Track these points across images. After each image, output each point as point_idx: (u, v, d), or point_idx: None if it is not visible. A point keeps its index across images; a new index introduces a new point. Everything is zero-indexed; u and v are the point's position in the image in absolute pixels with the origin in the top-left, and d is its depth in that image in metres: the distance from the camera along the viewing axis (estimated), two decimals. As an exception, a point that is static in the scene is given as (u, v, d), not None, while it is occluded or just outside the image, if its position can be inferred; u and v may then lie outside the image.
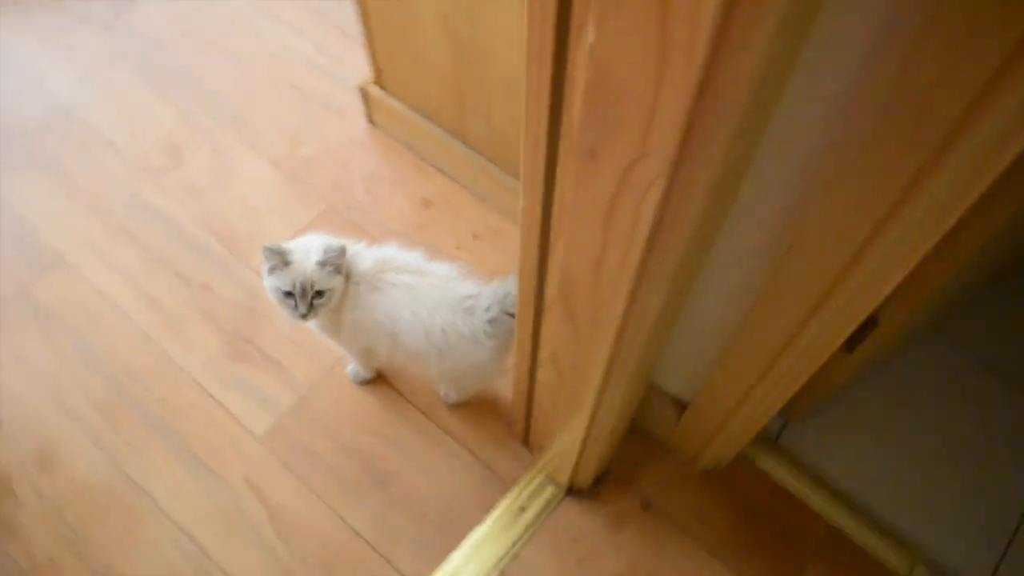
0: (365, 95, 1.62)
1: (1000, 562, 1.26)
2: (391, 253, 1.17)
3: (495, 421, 1.38)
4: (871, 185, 0.65)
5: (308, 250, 1.10)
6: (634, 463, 1.34)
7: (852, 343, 1.11)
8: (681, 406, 1.24)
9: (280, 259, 1.09)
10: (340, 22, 1.83)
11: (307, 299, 1.10)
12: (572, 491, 1.31)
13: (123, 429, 1.37)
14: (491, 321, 1.12)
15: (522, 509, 1.30)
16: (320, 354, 1.43)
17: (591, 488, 1.31)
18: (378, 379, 1.41)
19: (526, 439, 1.33)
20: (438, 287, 1.14)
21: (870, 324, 1.07)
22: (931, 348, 1.43)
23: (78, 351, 1.44)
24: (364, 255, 1.17)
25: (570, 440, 1.16)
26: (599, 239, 0.67)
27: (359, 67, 1.58)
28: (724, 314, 1.02)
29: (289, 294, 1.10)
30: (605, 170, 0.59)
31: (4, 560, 1.28)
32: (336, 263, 1.10)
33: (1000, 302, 1.46)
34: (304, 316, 1.10)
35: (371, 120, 1.67)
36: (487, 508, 1.30)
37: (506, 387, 1.38)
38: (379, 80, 1.57)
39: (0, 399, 1.40)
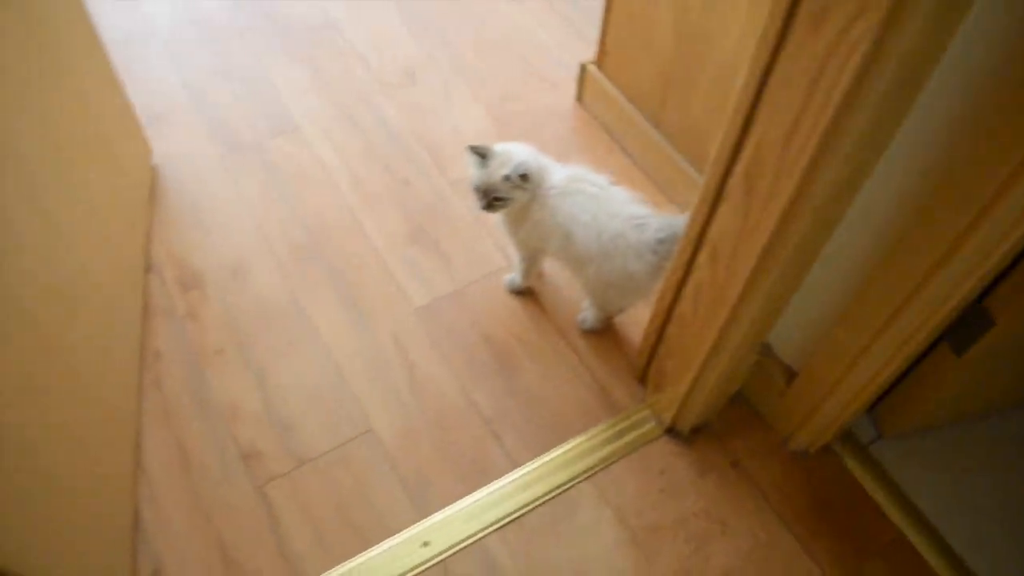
0: (583, 73, 1.85)
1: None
2: (583, 171, 1.38)
3: (619, 357, 1.53)
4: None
5: (504, 161, 1.31)
6: (732, 426, 1.45)
7: (962, 345, 1.22)
8: (790, 375, 1.36)
9: (478, 158, 1.32)
10: (567, 12, 2.10)
11: (488, 199, 1.33)
12: (671, 431, 1.44)
13: (306, 268, 1.61)
14: (659, 240, 1.29)
15: (622, 432, 1.43)
16: (486, 261, 1.63)
17: (688, 435, 1.43)
18: (528, 294, 1.59)
19: (644, 376, 1.47)
20: (618, 202, 1.33)
21: (983, 321, 1.17)
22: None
23: (288, 201, 1.70)
24: (558, 170, 1.37)
25: (684, 379, 1.31)
26: (798, 104, 0.83)
27: (576, 51, 1.83)
28: (843, 285, 1.15)
29: (478, 188, 1.33)
30: (825, 31, 0.77)
31: (182, 339, 1.51)
32: (517, 182, 1.31)
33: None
34: (484, 209, 1.35)
35: (579, 98, 1.91)
36: (593, 423, 1.44)
37: (635, 332, 1.54)
38: (600, 62, 1.80)
39: (216, 213, 1.67)
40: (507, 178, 1.30)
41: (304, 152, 1.78)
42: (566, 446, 1.41)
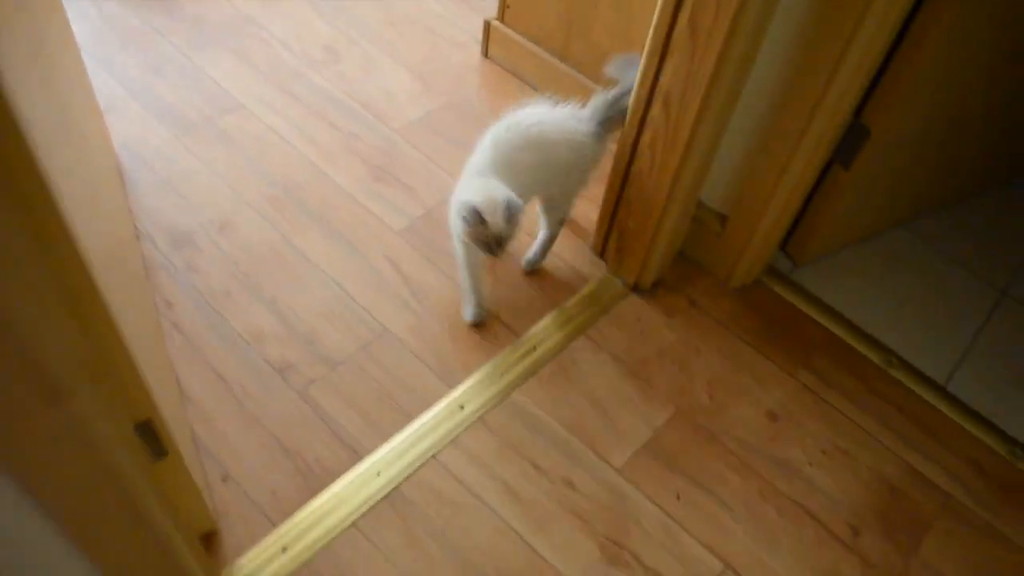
0: (487, 29, 2.13)
1: (956, 367, 1.67)
2: (518, 116, 1.53)
3: (576, 243, 1.79)
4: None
5: (495, 208, 1.38)
6: (681, 279, 1.75)
7: (848, 158, 1.58)
8: (722, 221, 1.68)
9: (477, 220, 1.38)
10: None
11: (502, 246, 1.43)
12: (635, 289, 1.71)
13: (287, 215, 1.76)
14: (600, 123, 1.56)
15: (596, 296, 1.69)
16: (446, 186, 1.85)
17: (650, 289, 1.71)
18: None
19: (603, 251, 1.74)
20: (557, 119, 1.54)
21: (862, 133, 1.53)
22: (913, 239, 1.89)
23: (253, 165, 1.84)
24: (506, 128, 1.52)
25: (644, 235, 1.59)
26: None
27: (473, 18, 2.12)
28: (757, 126, 1.49)
29: (489, 243, 1.42)
30: None
31: (188, 287, 1.62)
32: (517, 217, 1.41)
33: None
34: (497, 255, 1.45)
35: (486, 53, 2.18)
36: (572, 294, 1.69)
37: (576, 230, 1.81)
38: (502, 16, 2.08)
39: (188, 183, 1.79)
40: (508, 220, 1.40)
41: (255, 123, 1.93)
42: (555, 313, 1.65)
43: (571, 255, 1.76)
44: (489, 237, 1.41)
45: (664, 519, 1.40)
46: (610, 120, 1.56)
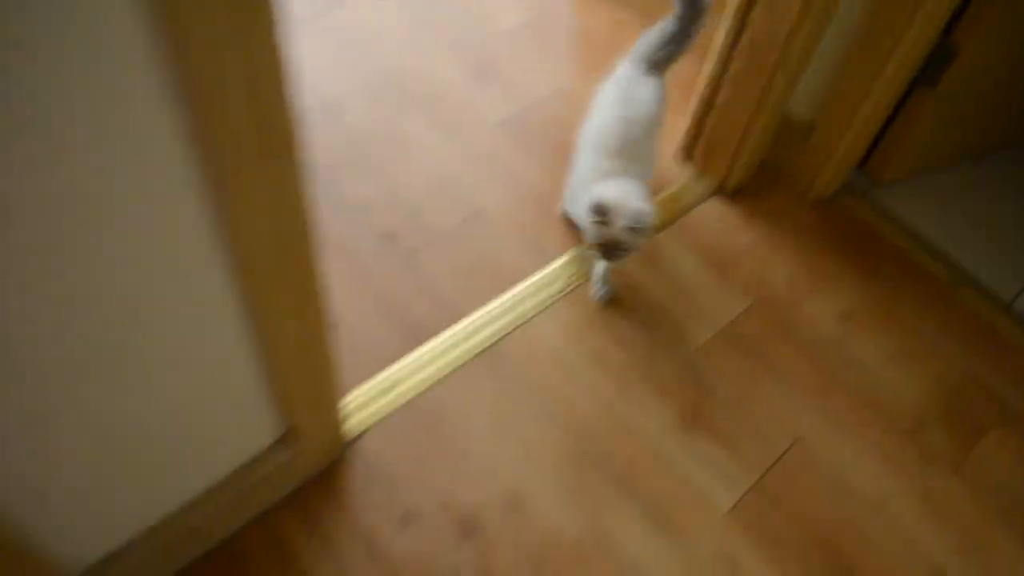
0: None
1: (1023, 290, 1.74)
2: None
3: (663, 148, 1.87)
4: None
5: (622, 211, 1.33)
6: (763, 186, 1.82)
7: (934, 77, 1.63)
8: (806, 131, 1.74)
9: (603, 216, 1.33)
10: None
11: (613, 251, 1.38)
12: (719, 192, 1.79)
13: (393, 101, 1.85)
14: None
15: (680, 197, 1.77)
16: (543, 83, 1.92)
17: (732, 194, 1.79)
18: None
19: (690, 154, 1.82)
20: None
21: (949, 53, 1.58)
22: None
23: (360, 56, 1.94)
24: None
25: (733, 139, 1.66)
26: None
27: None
28: (846, 43, 1.55)
29: (602, 244, 1.37)
30: None
31: (300, 159, 1.73)
32: (644, 228, 1.33)
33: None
34: (609, 260, 1.41)
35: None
36: (659, 192, 1.78)
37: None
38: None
39: (298, 70, 1.89)
40: (631, 229, 1.33)
41: (362, 18, 2.02)
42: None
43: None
44: (608, 239, 1.37)
45: (738, 395, 1.49)
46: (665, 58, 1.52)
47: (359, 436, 1.37)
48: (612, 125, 1.46)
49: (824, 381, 1.54)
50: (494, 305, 1.55)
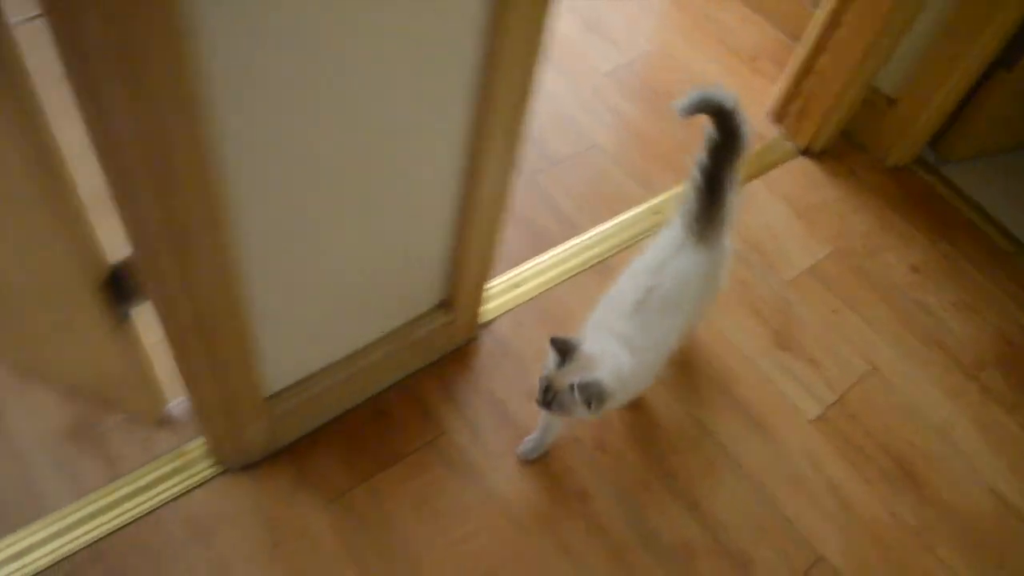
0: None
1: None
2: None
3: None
4: None
5: (580, 366, 1.13)
6: (845, 151, 1.99)
7: (1013, 59, 1.81)
8: (889, 102, 1.92)
9: (559, 353, 1.15)
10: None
11: (547, 397, 1.17)
12: (804, 152, 1.96)
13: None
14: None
15: (768, 153, 1.94)
16: (643, 41, 2.09)
17: (816, 156, 1.97)
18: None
19: (781, 116, 1.99)
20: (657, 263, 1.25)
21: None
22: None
23: None
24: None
25: (826, 102, 1.83)
26: None
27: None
28: (934, 28, 1.72)
29: (542, 380, 1.17)
30: None
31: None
32: (588, 399, 1.10)
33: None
34: (540, 404, 1.18)
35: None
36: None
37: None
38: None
39: None
40: (572, 389, 1.10)
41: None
42: (736, 161, 1.91)
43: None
44: (549, 380, 1.16)
45: (823, 325, 1.66)
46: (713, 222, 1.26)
47: (491, 321, 1.53)
48: (633, 290, 1.23)
49: (897, 320, 1.70)
50: (608, 226, 1.71)
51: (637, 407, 1.47)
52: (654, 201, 1.77)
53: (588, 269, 1.64)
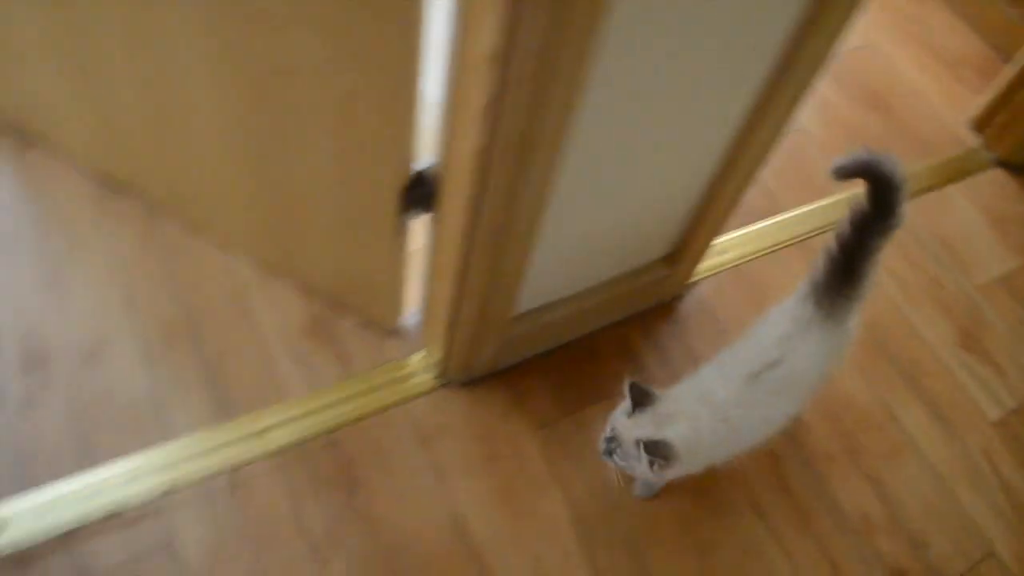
0: None
1: None
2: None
3: (936, 127, 2.05)
4: None
5: (650, 422, 1.07)
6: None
7: None
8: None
9: (634, 403, 1.09)
10: None
11: (609, 446, 1.12)
12: (1002, 164, 1.97)
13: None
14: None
15: (962, 162, 1.96)
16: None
17: (1014, 167, 1.97)
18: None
19: (984, 125, 1.99)
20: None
21: None
22: None
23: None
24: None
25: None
26: None
27: None
28: None
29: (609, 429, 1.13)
30: None
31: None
32: (651, 457, 1.04)
33: None
34: (603, 453, 1.14)
35: None
36: (928, 155, 1.96)
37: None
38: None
39: None
40: (637, 446, 1.05)
41: None
42: (929, 163, 1.93)
43: (930, 128, 2.03)
44: (616, 429, 1.11)
45: (1010, 333, 1.69)
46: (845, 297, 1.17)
47: (696, 282, 1.61)
48: (748, 360, 1.15)
49: (1088, 342, 1.73)
50: (812, 207, 1.77)
51: (829, 384, 1.54)
52: (854, 191, 1.82)
53: (792, 245, 1.70)
